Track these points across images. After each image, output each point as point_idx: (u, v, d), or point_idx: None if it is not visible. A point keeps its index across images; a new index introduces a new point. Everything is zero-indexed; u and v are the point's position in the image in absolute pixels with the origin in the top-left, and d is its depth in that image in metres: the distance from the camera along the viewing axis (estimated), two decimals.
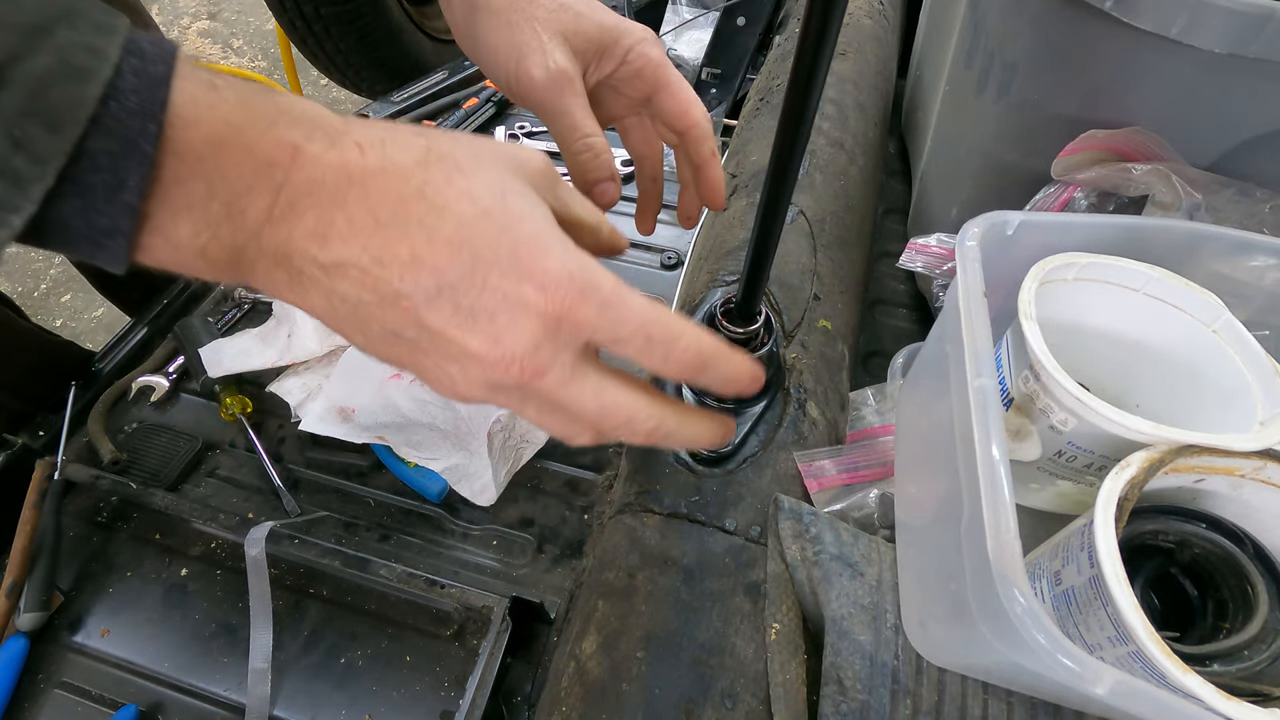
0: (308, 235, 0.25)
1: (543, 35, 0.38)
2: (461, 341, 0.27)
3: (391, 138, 0.27)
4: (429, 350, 0.28)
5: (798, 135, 0.33)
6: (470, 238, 0.26)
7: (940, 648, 0.37)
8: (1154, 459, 0.33)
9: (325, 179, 0.25)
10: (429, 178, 0.27)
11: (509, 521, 0.65)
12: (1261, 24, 0.41)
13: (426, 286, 0.26)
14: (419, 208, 0.26)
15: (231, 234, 0.25)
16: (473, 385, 0.28)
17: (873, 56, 0.87)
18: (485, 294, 0.27)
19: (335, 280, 0.26)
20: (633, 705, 0.39)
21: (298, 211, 0.25)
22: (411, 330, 0.27)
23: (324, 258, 0.26)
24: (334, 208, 0.25)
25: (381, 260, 0.26)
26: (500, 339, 0.27)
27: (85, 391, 0.73)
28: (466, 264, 0.26)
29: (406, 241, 0.26)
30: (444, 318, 0.27)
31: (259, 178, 0.24)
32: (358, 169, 0.26)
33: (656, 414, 0.31)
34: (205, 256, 0.25)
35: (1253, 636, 0.33)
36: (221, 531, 0.62)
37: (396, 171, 0.26)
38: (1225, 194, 0.47)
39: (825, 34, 0.29)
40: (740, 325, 0.46)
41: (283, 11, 1.33)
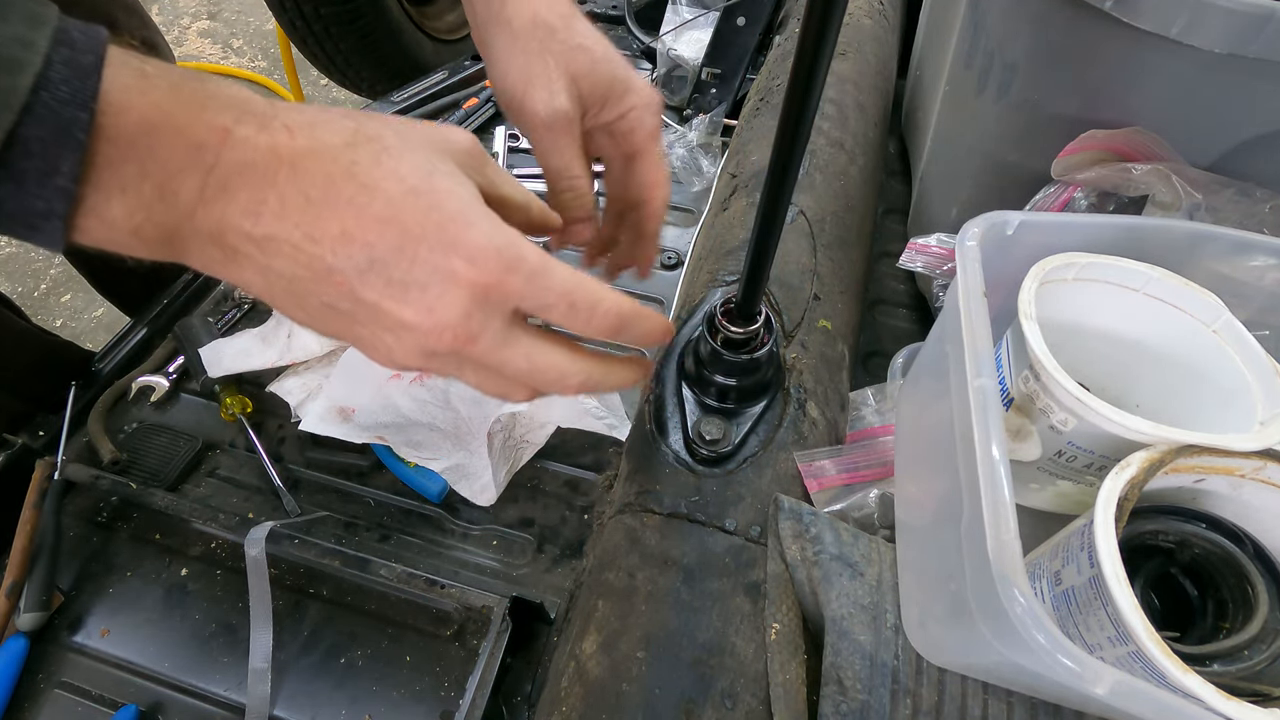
0: (240, 213, 0.26)
1: (553, 72, 0.39)
2: (395, 313, 0.28)
3: (320, 120, 0.28)
4: (365, 321, 0.29)
5: (798, 135, 0.33)
6: (398, 214, 0.28)
7: (940, 648, 0.37)
8: (1154, 459, 0.33)
9: (255, 160, 0.26)
10: (357, 158, 0.28)
11: (509, 521, 0.65)
12: (1261, 24, 0.41)
13: (358, 261, 0.27)
14: (348, 187, 0.27)
15: (164, 214, 0.26)
16: (409, 353, 0.30)
17: (873, 56, 0.87)
18: (415, 267, 0.28)
19: (270, 256, 0.27)
20: (633, 705, 0.39)
21: (229, 191, 0.26)
22: (346, 303, 0.28)
23: (257, 234, 0.27)
24: (265, 187, 0.26)
25: (313, 236, 0.27)
26: (433, 309, 0.28)
27: (85, 391, 0.73)
28: (395, 239, 0.28)
29: (337, 218, 0.27)
30: (377, 291, 0.28)
31: (190, 160, 0.25)
32: (287, 150, 0.27)
33: (583, 368, 0.33)
34: (140, 236, 0.26)
35: (1253, 636, 0.33)
36: (221, 531, 0.62)
37: (325, 152, 0.27)
38: (1225, 194, 0.47)
39: (825, 34, 0.29)
40: (740, 325, 0.46)
41: (283, 11, 1.33)
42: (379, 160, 0.28)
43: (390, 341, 0.30)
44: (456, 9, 1.65)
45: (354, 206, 0.27)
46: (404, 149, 0.29)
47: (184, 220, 0.26)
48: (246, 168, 0.26)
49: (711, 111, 0.99)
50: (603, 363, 0.35)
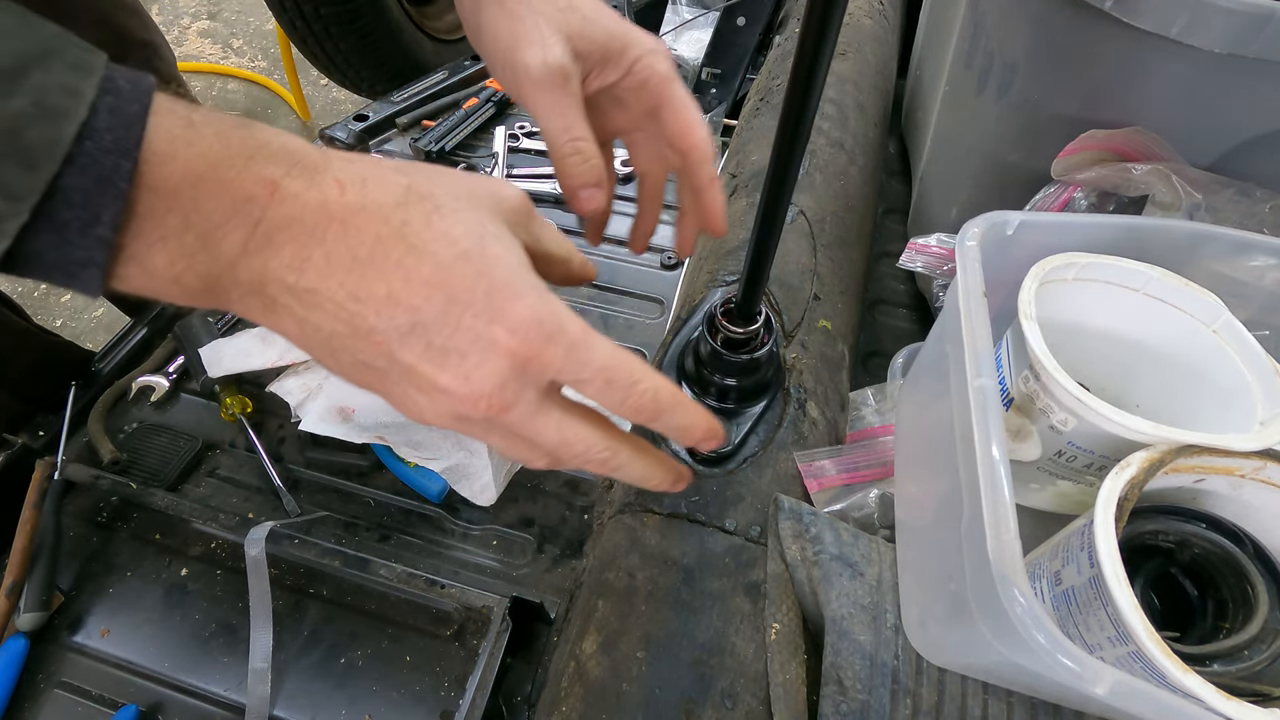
0: (284, 268, 0.26)
1: (544, 29, 0.38)
2: (431, 376, 0.28)
3: (373, 175, 0.28)
4: (398, 380, 0.29)
5: (797, 135, 0.33)
6: (447, 280, 0.27)
7: (940, 648, 0.37)
8: (1154, 459, 0.33)
9: (304, 216, 0.26)
10: (409, 218, 0.27)
11: (509, 521, 0.65)
12: (1261, 24, 0.41)
13: (400, 324, 0.27)
14: (398, 248, 0.27)
15: (207, 264, 0.25)
16: (440, 415, 0.30)
17: (873, 56, 0.87)
18: (458, 334, 0.27)
19: (308, 310, 0.27)
20: (633, 705, 0.39)
21: (275, 245, 0.26)
22: (382, 362, 0.28)
23: (300, 288, 0.26)
24: (312, 243, 0.26)
25: (358, 296, 0.27)
26: (470, 377, 0.28)
27: (85, 391, 0.73)
28: (441, 304, 0.27)
29: (384, 281, 0.27)
30: (416, 354, 0.28)
31: (236, 212, 0.25)
32: (338, 206, 0.26)
33: (611, 448, 0.33)
34: (180, 284, 0.26)
35: (1253, 636, 0.33)
36: (221, 531, 0.62)
37: (376, 210, 0.27)
38: (1225, 194, 0.47)
39: (825, 34, 0.29)
40: (740, 325, 0.46)
41: (283, 11, 1.33)
42: (430, 221, 0.28)
43: (422, 402, 0.29)
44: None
45: (402, 269, 0.27)
46: (456, 209, 0.29)
47: (225, 271, 0.26)
48: (294, 222, 0.26)
49: (711, 111, 0.99)
50: (634, 448, 0.34)
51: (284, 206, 0.26)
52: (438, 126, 0.99)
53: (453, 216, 0.28)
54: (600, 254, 0.89)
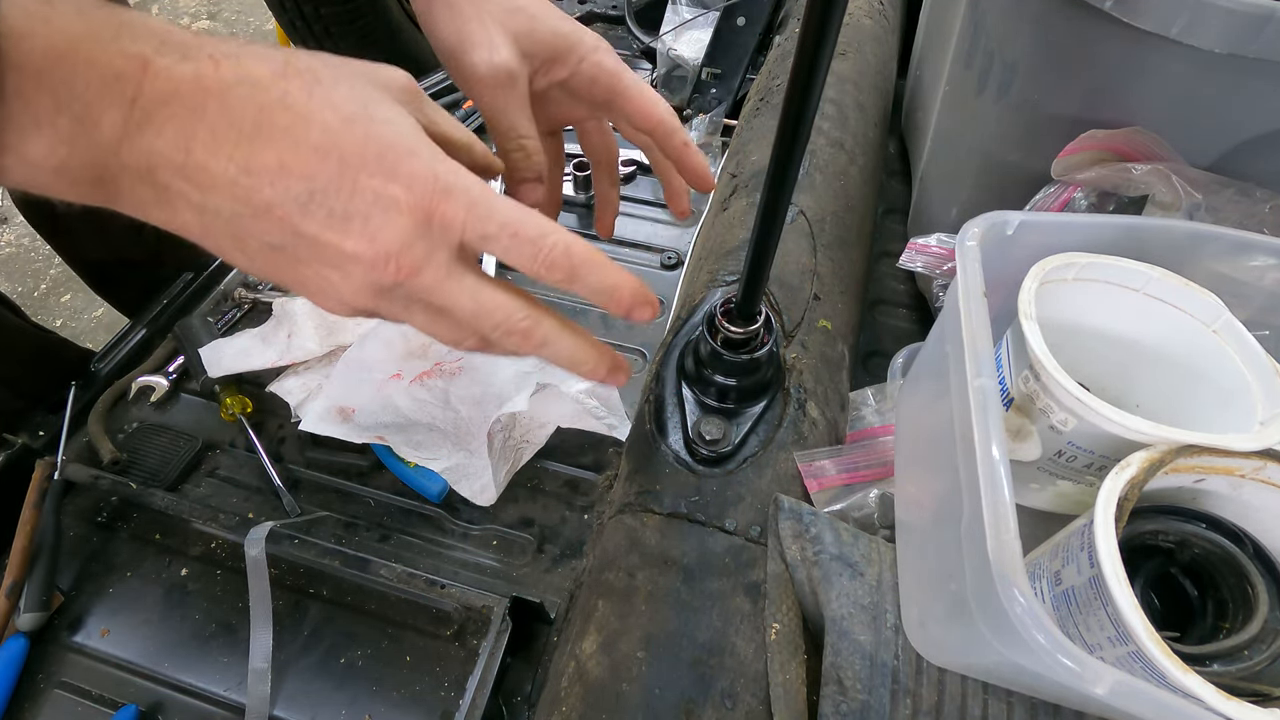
0: (170, 148, 0.26)
1: (492, 30, 0.39)
2: (338, 244, 0.28)
3: (247, 51, 0.27)
4: (308, 259, 0.28)
5: (797, 135, 0.33)
6: (336, 143, 0.27)
7: (940, 648, 0.37)
8: (1154, 459, 0.33)
9: (180, 91, 0.25)
10: (289, 88, 0.27)
11: (509, 521, 0.65)
12: (1261, 24, 0.40)
13: (298, 193, 0.27)
14: (282, 117, 0.27)
15: (88, 149, 0.25)
16: (357, 291, 0.29)
17: (872, 56, 0.87)
18: (356, 196, 0.27)
19: (205, 193, 0.26)
20: (633, 705, 0.39)
21: (155, 124, 0.25)
22: (289, 239, 0.28)
23: (189, 168, 0.26)
24: (194, 120, 0.26)
25: (249, 169, 0.26)
26: (375, 238, 0.28)
27: (85, 391, 0.73)
28: (334, 168, 0.27)
29: (273, 150, 0.26)
30: (319, 222, 0.27)
31: (108, 90, 0.24)
32: (214, 81, 0.26)
33: (533, 317, 0.32)
34: (65, 175, 0.25)
35: (1253, 636, 0.33)
36: (221, 531, 0.62)
37: (255, 83, 0.27)
38: (1225, 194, 0.47)
39: (825, 34, 0.29)
40: (740, 325, 0.46)
41: (282, 11, 1.33)
42: (312, 91, 0.27)
43: (336, 279, 0.29)
44: None
45: (290, 137, 0.26)
46: (336, 80, 0.28)
47: (110, 156, 0.25)
48: (171, 98, 0.25)
49: (711, 111, 0.99)
50: (560, 322, 0.33)
51: (158, 82, 0.25)
52: None
53: (334, 86, 0.28)
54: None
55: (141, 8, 2.08)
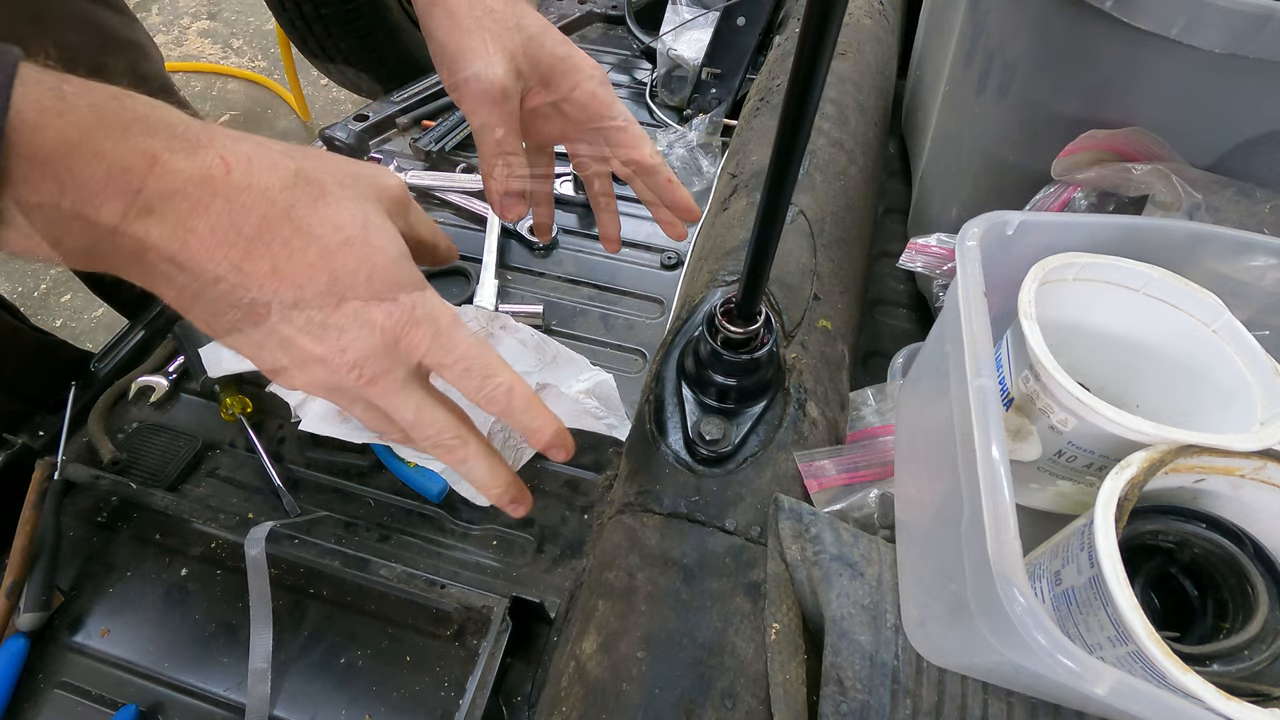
0: (166, 239, 0.27)
1: (490, 47, 0.40)
2: (308, 349, 0.30)
3: (259, 155, 0.29)
4: (273, 349, 0.30)
5: (797, 135, 0.33)
6: (330, 263, 0.29)
7: (940, 648, 0.37)
8: (1154, 459, 0.33)
9: (186, 189, 0.27)
10: (295, 201, 0.29)
11: (509, 521, 0.65)
12: (1261, 24, 0.40)
13: (284, 299, 0.29)
14: (284, 229, 0.28)
15: (84, 231, 0.26)
16: (310, 383, 0.32)
17: (872, 56, 0.87)
18: (338, 313, 0.30)
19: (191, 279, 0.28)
20: (633, 705, 0.39)
21: (155, 215, 0.26)
22: (259, 333, 0.30)
23: (181, 259, 0.27)
24: (195, 216, 0.27)
25: (241, 269, 0.28)
26: (346, 349, 0.30)
27: (85, 391, 0.73)
28: (324, 285, 0.29)
29: (269, 257, 0.28)
30: (296, 328, 0.29)
31: (113, 182, 0.25)
32: (223, 183, 0.27)
33: (461, 437, 0.35)
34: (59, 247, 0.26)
35: (1253, 636, 0.33)
36: (221, 531, 0.62)
37: (263, 191, 0.28)
38: (1225, 194, 0.47)
39: (825, 34, 0.29)
40: (740, 325, 0.46)
41: (282, 11, 1.33)
42: (316, 206, 0.29)
43: (293, 370, 0.31)
44: None
45: (288, 249, 0.28)
46: (341, 197, 0.30)
47: (104, 238, 0.26)
48: (176, 194, 0.26)
49: (711, 111, 0.99)
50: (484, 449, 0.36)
51: (165, 179, 0.26)
52: (437, 126, 0.99)
53: (338, 204, 0.30)
54: (600, 254, 0.89)
55: (141, 9, 2.06)
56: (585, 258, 0.89)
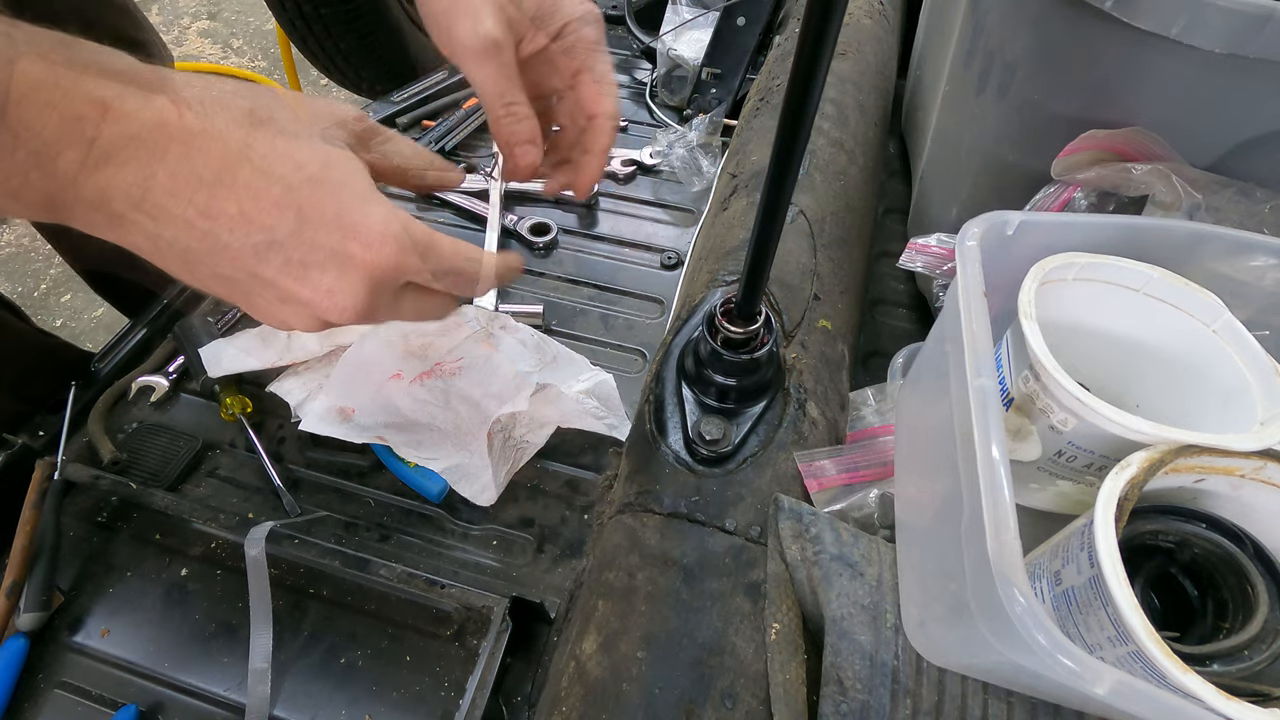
0: (127, 184, 0.26)
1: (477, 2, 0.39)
2: (294, 290, 0.30)
3: (212, 98, 0.28)
4: (261, 293, 0.30)
5: (797, 135, 0.33)
6: (296, 200, 0.28)
7: (940, 648, 0.37)
8: (1154, 459, 0.33)
9: (142, 135, 0.26)
10: (252, 141, 0.28)
11: (509, 521, 0.65)
12: (1261, 24, 0.41)
13: (256, 241, 0.28)
14: (244, 170, 0.28)
15: (44, 182, 0.26)
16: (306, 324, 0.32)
17: (872, 56, 0.87)
18: (314, 250, 0.29)
19: (160, 226, 0.27)
20: (633, 705, 0.39)
21: (115, 164, 0.26)
22: (242, 275, 0.29)
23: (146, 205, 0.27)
24: (153, 161, 0.26)
25: (208, 214, 0.27)
26: (333, 291, 0.30)
27: (85, 391, 0.73)
28: (293, 223, 0.29)
29: (234, 199, 0.28)
30: (275, 269, 0.29)
31: (67, 131, 0.25)
32: (177, 128, 0.27)
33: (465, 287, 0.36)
34: (19, 200, 0.26)
35: (1253, 636, 0.33)
36: (221, 531, 0.62)
37: (219, 133, 0.28)
38: (1225, 194, 0.47)
39: (825, 34, 0.29)
40: (740, 325, 0.46)
41: (282, 11, 1.33)
42: (274, 145, 0.29)
43: (288, 314, 0.31)
44: None
45: (250, 190, 0.28)
46: (298, 133, 0.30)
47: (65, 188, 0.26)
48: (132, 140, 0.26)
49: (711, 111, 0.99)
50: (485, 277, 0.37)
51: (119, 125, 0.26)
52: (438, 126, 0.99)
53: (296, 141, 0.29)
54: (601, 254, 0.89)
55: (142, 9, 2.06)
56: (585, 258, 0.89)
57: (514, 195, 0.94)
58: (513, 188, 0.94)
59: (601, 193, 0.95)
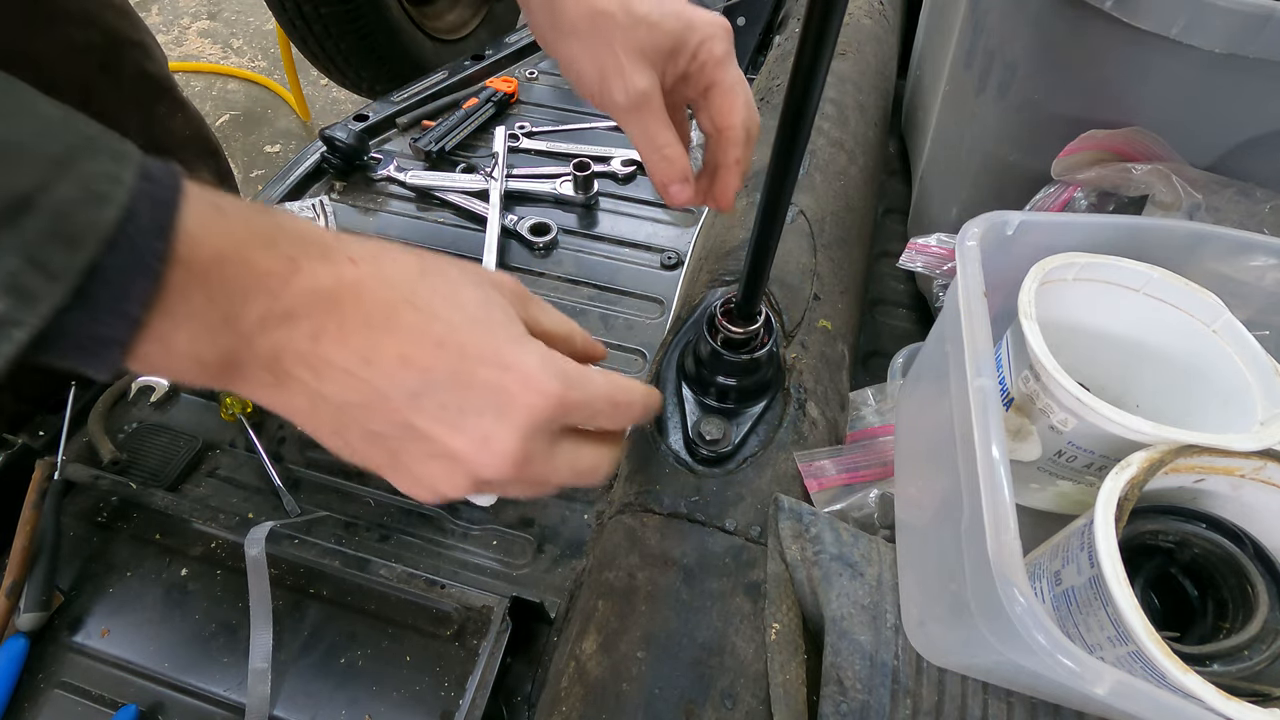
0: (301, 338, 0.27)
1: (622, 57, 0.41)
2: (446, 440, 0.29)
3: (384, 253, 0.29)
4: (412, 450, 0.30)
5: (797, 135, 0.33)
6: (457, 339, 0.29)
7: (940, 648, 0.37)
8: (1154, 459, 0.33)
9: (319, 288, 0.27)
10: (418, 288, 0.29)
11: (509, 521, 0.65)
12: (1261, 24, 0.41)
13: (413, 386, 0.28)
14: (408, 313, 0.28)
15: (228, 340, 0.26)
16: (457, 484, 0.30)
17: (872, 56, 0.87)
18: (472, 391, 0.29)
19: (322, 381, 0.28)
20: (633, 705, 0.39)
21: (293, 318, 0.27)
22: (395, 430, 0.29)
23: (314, 357, 0.27)
24: (327, 314, 0.27)
25: (369, 360, 0.28)
26: (488, 438, 0.29)
27: (85, 391, 0.73)
28: (453, 362, 0.28)
29: (395, 343, 0.28)
30: (430, 416, 0.29)
31: (257, 287, 0.26)
32: (351, 279, 0.28)
33: (615, 458, 0.36)
34: (199, 361, 0.26)
35: (1253, 636, 0.33)
36: (221, 531, 0.62)
37: (389, 281, 0.29)
38: (1225, 194, 0.47)
39: (825, 34, 0.29)
40: (740, 325, 0.46)
41: (282, 11, 1.33)
42: (438, 291, 0.29)
43: (435, 471, 0.30)
44: (456, 8, 1.65)
45: (413, 331, 0.28)
46: (463, 282, 0.31)
47: (243, 345, 0.27)
48: (311, 295, 0.27)
49: None
50: (617, 445, 0.37)
51: (301, 280, 0.27)
52: (437, 126, 0.99)
53: (461, 288, 0.30)
54: (600, 254, 0.89)
55: (141, 9, 2.06)
56: (585, 258, 0.89)
57: (513, 195, 0.94)
58: (512, 187, 0.94)
59: (601, 193, 0.95)
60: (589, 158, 0.95)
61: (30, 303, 0.21)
